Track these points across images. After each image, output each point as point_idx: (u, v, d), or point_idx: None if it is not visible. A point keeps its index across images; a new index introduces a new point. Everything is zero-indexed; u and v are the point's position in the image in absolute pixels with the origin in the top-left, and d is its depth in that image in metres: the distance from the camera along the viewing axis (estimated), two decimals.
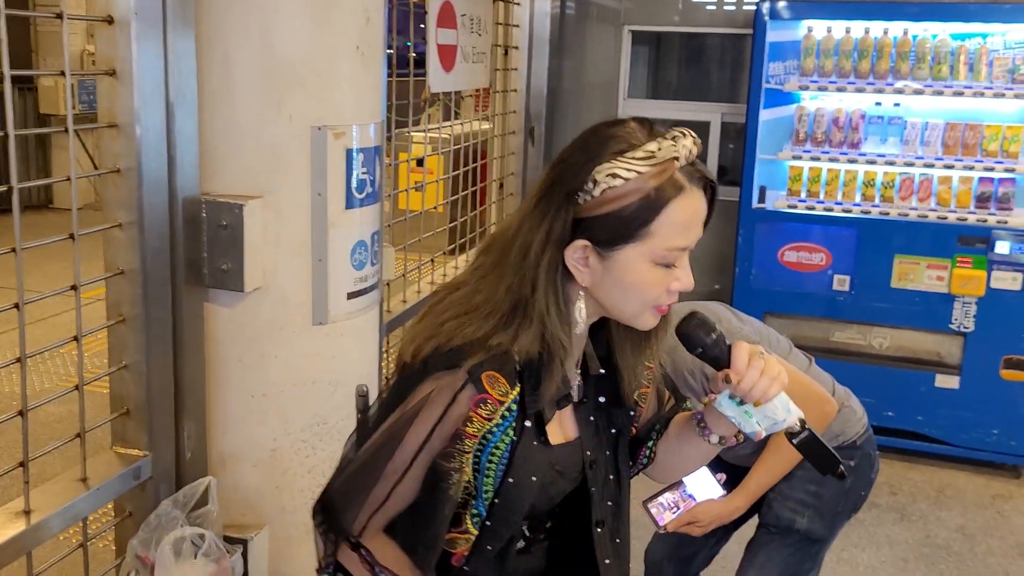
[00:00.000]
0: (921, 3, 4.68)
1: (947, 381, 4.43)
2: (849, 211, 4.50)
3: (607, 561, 1.35)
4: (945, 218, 4.38)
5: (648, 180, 1.15)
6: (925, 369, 4.49)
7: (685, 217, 1.18)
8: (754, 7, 4.73)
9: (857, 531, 3.83)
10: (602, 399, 1.35)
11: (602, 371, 1.35)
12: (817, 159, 4.56)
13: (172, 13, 1.87)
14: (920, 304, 4.43)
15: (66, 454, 1.89)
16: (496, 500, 1.24)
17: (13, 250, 1.62)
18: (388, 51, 2.64)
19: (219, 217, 2.04)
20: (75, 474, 1.85)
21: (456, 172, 4.04)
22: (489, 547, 1.27)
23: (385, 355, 3.08)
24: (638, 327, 1.27)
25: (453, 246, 4.16)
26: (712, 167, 5.34)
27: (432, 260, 3.69)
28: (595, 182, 1.17)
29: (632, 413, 1.42)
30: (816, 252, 4.53)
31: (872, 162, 4.47)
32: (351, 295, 2.29)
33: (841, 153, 4.52)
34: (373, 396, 1.42)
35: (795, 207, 4.57)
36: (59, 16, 1.67)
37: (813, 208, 4.54)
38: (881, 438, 4.50)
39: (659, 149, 1.17)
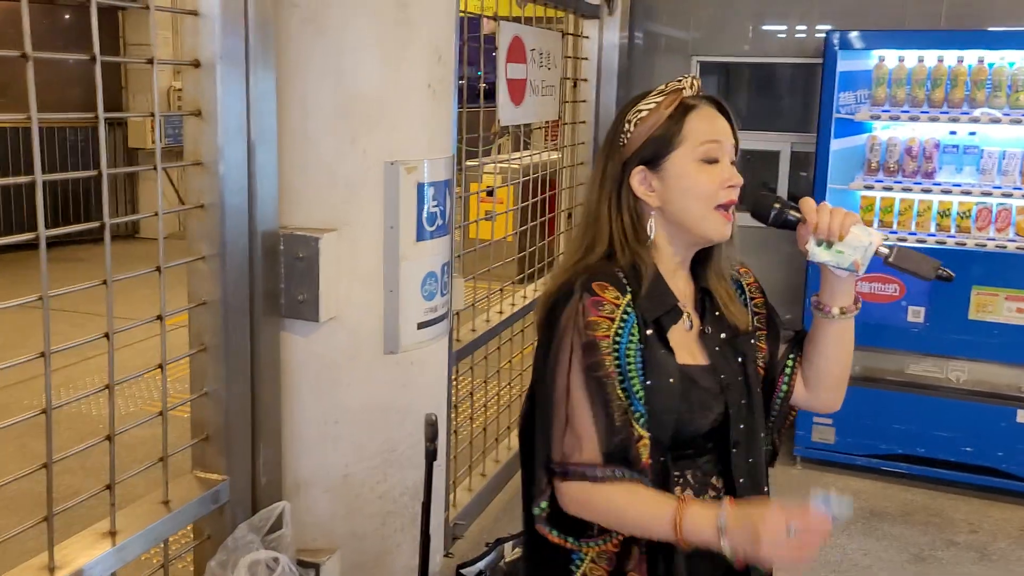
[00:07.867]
0: (996, 31, 4.59)
1: None
2: (924, 241, 4.41)
3: (741, 480, 1.50)
4: None
5: (664, 107, 1.46)
6: (1006, 404, 4.35)
7: (706, 122, 1.45)
8: (823, 36, 4.70)
9: (936, 569, 3.72)
10: (723, 335, 1.54)
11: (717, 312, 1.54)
12: (890, 189, 4.48)
13: (254, 56, 1.96)
14: (999, 336, 4.30)
15: (147, 474, 1.97)
16: (648, 406, 1.41)
17: (104, 282, 1.71)
18: (459, 81, 2.70)
19: (296, 249, 2.11)
20: (157, 497, 1.92)
21: (526, 203, 4.08)
22: (662, 458, 1.43)
23: (454, 383, 3.12)
24: (711, 235, 1.46)
25: (522, 275, 4.20)
26: (783, 196, 5.28)
27: (501, 289, 3.73)
28: (628, 122, 1.48)
29: (752, 341, 1.58)
30: (889, 283, 4.44)
31: (947, 192, 4.37)
32: (421, 325, 2.34)
33: (915, 183, 4.44)
34: (442, 425, 1.49)
35: None
36: (150, 61, 1.76)
37: (886, 239, 4.45)
38: (959, 474, 4.44)
39: (666, 87, 1.49)
